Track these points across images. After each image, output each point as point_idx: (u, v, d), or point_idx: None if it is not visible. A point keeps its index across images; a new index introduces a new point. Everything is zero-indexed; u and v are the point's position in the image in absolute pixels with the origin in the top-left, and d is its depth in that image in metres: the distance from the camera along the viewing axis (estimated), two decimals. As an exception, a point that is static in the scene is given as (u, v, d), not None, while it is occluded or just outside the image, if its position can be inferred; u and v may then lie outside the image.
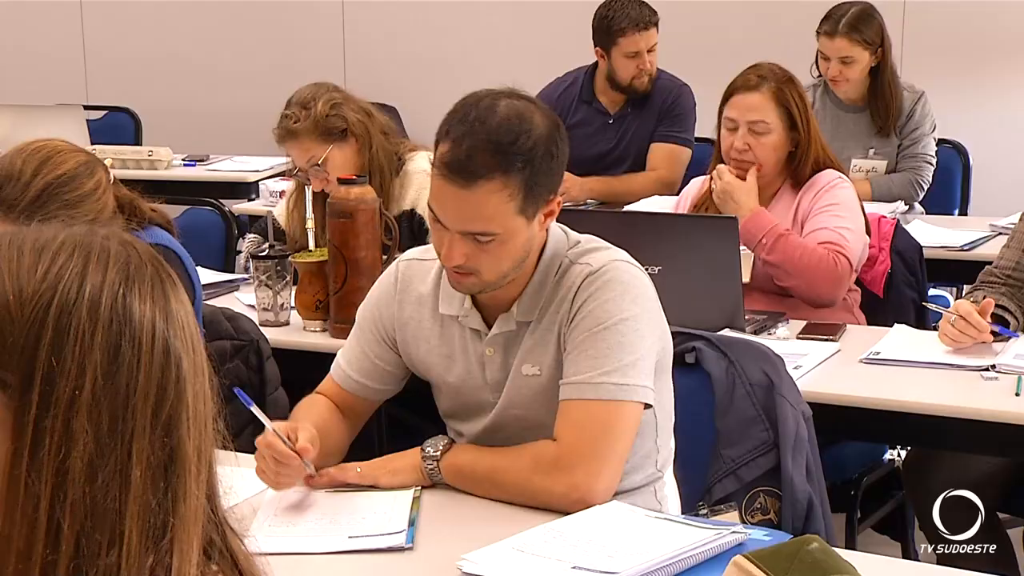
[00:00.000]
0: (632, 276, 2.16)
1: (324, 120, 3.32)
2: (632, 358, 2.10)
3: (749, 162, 3.26)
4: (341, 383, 2.34)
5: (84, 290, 1.00)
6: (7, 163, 2.42)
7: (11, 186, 2.38)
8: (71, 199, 2.42)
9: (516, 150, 2.06)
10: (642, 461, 2.22)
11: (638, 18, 4.68)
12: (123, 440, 0.99)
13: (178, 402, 1.04)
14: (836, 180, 3.27)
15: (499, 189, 2.05)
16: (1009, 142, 5.59)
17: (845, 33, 4.40)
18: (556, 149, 2.12)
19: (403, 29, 6.65)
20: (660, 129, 4.76)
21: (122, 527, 0.98)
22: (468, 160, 2.05)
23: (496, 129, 2.06)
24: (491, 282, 2.14)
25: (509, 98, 2.12)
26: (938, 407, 2.57)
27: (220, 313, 2.80)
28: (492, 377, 2.22)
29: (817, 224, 3.21)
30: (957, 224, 4.31)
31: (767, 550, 1.68)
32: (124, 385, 1.00)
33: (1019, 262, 2.97)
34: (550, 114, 2.15)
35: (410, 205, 3.40)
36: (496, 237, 2.08)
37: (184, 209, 4.06)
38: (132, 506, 0.99)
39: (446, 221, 2.09)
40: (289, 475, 2.11)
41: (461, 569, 1.85)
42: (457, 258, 2.10)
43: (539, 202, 2.11)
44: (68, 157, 2.46)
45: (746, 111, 3.25)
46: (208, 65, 7.00)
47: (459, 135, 2.07)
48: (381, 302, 2.32)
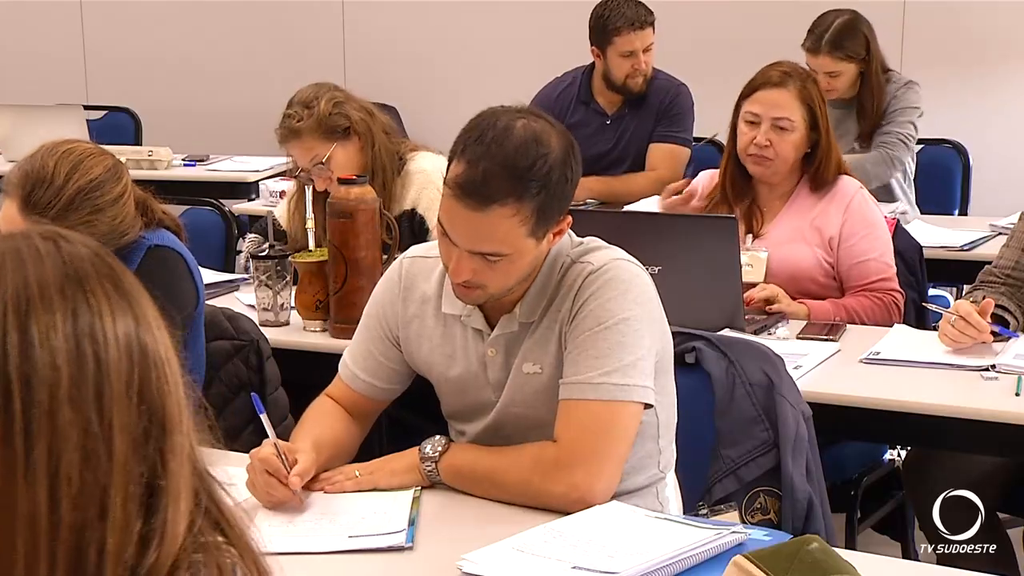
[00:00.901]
0: (633, 275, 2.16)
1: (327, 119, 3.32)
2: (633, 358, 2.10)
3: (768, 158, 3.25)
4: (350, 383, 2.34)
5: (32, 291, 1.02)
6: (39, 165, 2.43)
7: (43, 190, 2.40)
8: (100, 204, 2.45)
9: (532, 175, 2.04)
10: (644, 462, 2.22)
11: (634, 17, 4.68)
12: (105, 418, 1.01)
13: (149, 367, 1.06)
14: (859, 191, 3.29)
15: (512, 214, 2.04)
16: (1009, 142, 5.59)
17: (827, 51, 4.38)
18: (571, 172, 2.11)
19: (403, 29, 6.65)
20: (659, 129, 4.76)
21: (106, 500, 1.01)
22: (483, 183, 2.03)
23: (513, 153, 2.04)
24: (496, 295, 2.15)
25: (526, 119, 2.09)
26: (938, 407, 2.57)
27: (220, 313, 2.80)
28: (494, 377, 2.22)
29: (861, 255, 3.24)
30: (957, 224, 4.31)
31: (767, 550, 1.68)
32: (95, 366, 1.02)
33: (1019, 262, 2.97)
34: (565, 135, 2.13)
35: (411, 205, 3.40)
36: (505, 257, 2.08)
37: (184, 209, 4.06)
38: (117, 477, 1.01)
39: (456, 240, 2.09)
40: (279, 494, 2.09)
41: (461, 569, 1.85)
42: (465, 274, 2.10)
43: (550, 224, 2.11)
44: (97, 161, 2.48)
45: (771, 107, 3.25)
46: (208, 65, 7.01)
47: (475, 156, 2.05)
48: (385, 300, 2.32)
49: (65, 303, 1.03)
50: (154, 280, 2.81)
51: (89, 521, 1.00)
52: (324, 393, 2.37)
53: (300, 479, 2.09)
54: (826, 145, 3.28)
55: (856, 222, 3.25)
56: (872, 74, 4.43)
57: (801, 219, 3.28)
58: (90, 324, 1.03)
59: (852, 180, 3.34)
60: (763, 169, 3.29)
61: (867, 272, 3.23)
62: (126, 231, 2.52)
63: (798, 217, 3.29)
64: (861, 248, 3.24)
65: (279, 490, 2.08)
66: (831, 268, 3.27)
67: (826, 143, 3.28)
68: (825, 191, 3.29)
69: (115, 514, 1.01)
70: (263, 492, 2.10)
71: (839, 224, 3.25)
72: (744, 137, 3.28)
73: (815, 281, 3.25)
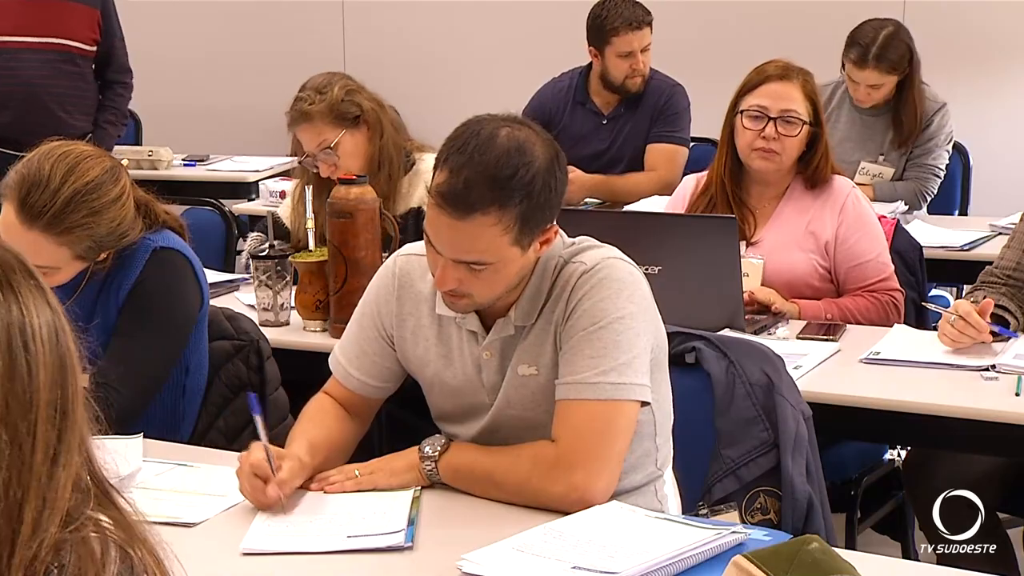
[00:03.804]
0: (626, 273, 2.16)
1: (339, 104, 3.34)
2: (628, 357, 2.10)
3: (776, 152, 3.23)
4: (343, 381, 2.34)
5: None
6: (35, 168, 2.43)
7: (39, 193, 2.40)
8: (97, 206, 2.45)
9: (514, 184, 2.03)
10: (641, 460, 2.22)
11: (631, 18, 4.69)
12: (30, 432, 1.06)
13: (71, 382, 1.10)
14: (852, 191, 3.29)
15: (494, 223, 2.04)
16: (1009, 142, 5.59)
17: (874, 65, 4.34)
18: (555, 181, 2.10)
19: (403, 29, 6.65)
20: (656, 129, 4.77)
21: (22, 515, 1.05)
22: (465, 192, 2.02)
23: (495, 162, 2.03)
24: (484, 304, 2.15)
25: (510, 127, 2.08)
26: (938, 407, 2.57)
27: (220, 313, 2.80)
28: (488, 380, 2.22)
29: (858, 256, 3.23)
30: (957, 224, 4.31)
31: (767, 550, 1.68)
32: (24, 381, 1.06)
33: (1019, 262, 2.97)
34: (551, 144, 2.12)
35: (417, 203, 3.41)
36: (489, 266, 2.08)
37: (184, 209, 4.06)
38: (35, 492, 1.06)
39: (440, 248, 2.08)
40: (265, 499, 2.09)
41: (461, 569, 1.85)
42: (450, 283, 2.10)
43: (534, 232, 2.10)
44: (94, 163, 2.47)
45: (779, 99, 3.23)
46: (208, 65, 7.01)
47: (457, 165, 2.04)
48: (380, 298, 2.31)
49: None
50: (159, 282, 2.83)
51: None
52: (321, 390, 2.37)
53: (277, 489, 2.08)
54: (824, 142, 3.28)
55: (851, 223, 3.24)
56: (913, 86, 4.41)
57: (795, 224, 3.27)
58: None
59: (845, 179, 3.33)
60: (768, 164, 3.26)
61: (865, 274, 3.23)
62: (126, 232, 2.52)
63: (792, 222, 3.27)
64: (858, 250, 3.24)
65: (265, 495, 2.09)
66: (827, 273, 3.26)
67: (824, 140, 3.27)
68: (819, 191, 3.28)
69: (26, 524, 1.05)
70: (251, 496, 2.10)
71: (834, 227, 3.24)
72: (748, 133, 3.24)
73: (810, 286, 3.24)
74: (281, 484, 2.09)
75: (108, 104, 5.06)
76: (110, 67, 5.06)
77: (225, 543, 1.99)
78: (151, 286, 2.57)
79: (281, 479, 2.09)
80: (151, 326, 2.57)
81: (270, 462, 2.09)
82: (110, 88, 5.08)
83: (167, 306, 2.59)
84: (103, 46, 5.02)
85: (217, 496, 2.17)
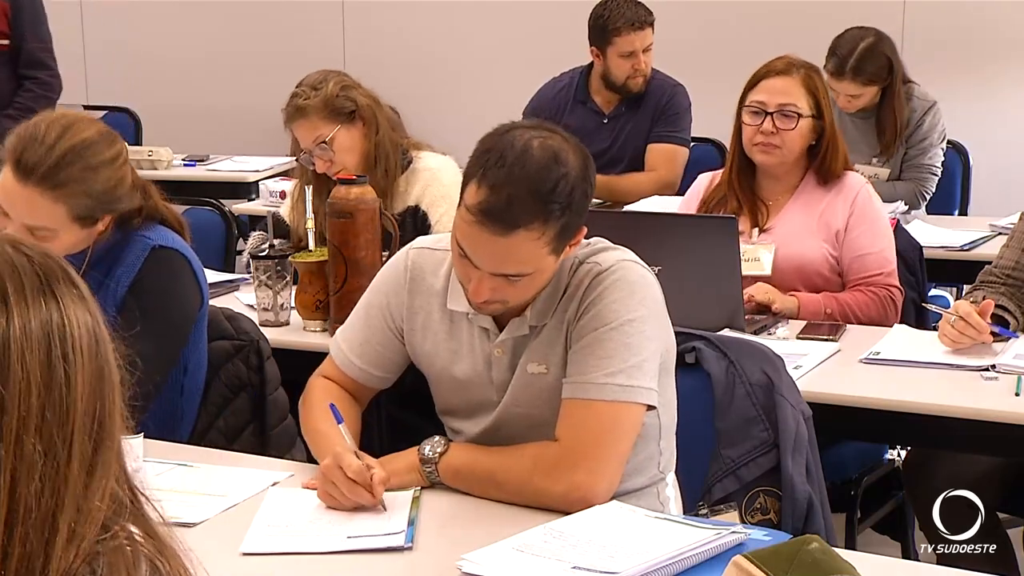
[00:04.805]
0: (640, 276, 2.16)
1: (334, 100, 3.35)
2: (637, 360, 2.10)
3: (775, 145, 3.25)
4: (344, 368, 2.34)
5: (12, 318, 1.05)
6: (31, 127, 2.45)
7: (33, 149, 2.41)
8: (93, 163, 2.44)
9: (555, 197, 2.04)
10: (645, 463, 2.22)
11: (633, 18, 4.69)
12: (66, 443, 1.05)
13: (108, 392, 1.09)
14: (865, 186, 3.31)
15: (537, 237, 2.04)
16: (1009, 142, 5.59)
17: (851, 77, 4.36)
18: (589, 188, 2.11)
19: (403, 29, 6.65)
20: (656, 129, 4.77)
21: (56, 524, 1.04)
22: (508, 209, 2.02)
23: (535, 176, 2.03)
24: (515, 307, 2.16)
25: (540, 136, 2.07)
26: (938, 407, 2.57)
27: (220, 313, 2.79)
28: (498, 377, 2.22)
29: (862, 248, 3.25)
30: (957, 224, 4.31)
31: (767, 550, 1.68)
32: (62, 391, 1.05)
33: (1019, 262, 2.97)
34: (579, 148, 2.12)
35: (415, 202, 3.41)
36: (527, 276, 2.09)
37: (184, 209, 4.05)
38: (69, 502, 1.05)
39: (479, 263, 2.08)
40: (364, 501, 2.07)
41: (461, 569, 1.85)
42: (485, 294, 2.10)
43: (570, 239, 2.11)
44: (90, 125, 2.49)
45: (777, 94, 3.25)
46: (208, 65, 7.01)
47: (497, 181, 2.02)
48: (391, 290, 2.31)
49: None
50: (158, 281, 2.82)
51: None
52: (321, 374, 2.36)
53: (381, 491, 2.08)
54: (831, 136, 3.29)
55: (860, 216, 3.26)
56: (894, 94, 4.42)
57: (808, 213, 3.29)
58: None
59: (858, 175, 3.37)
60: (769, 158, 3.28)
61: (866, 266, 3.24)
62: (121, 197, 2.50)
63: (805, 211, 3.29)
64: (862, 242, 3.25)
65: (364, 497, 2.07)
66: (837, 263, 3.27)
67: (831, 133, 3.29)
68: (832, 185, 3.29)
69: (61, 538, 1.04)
70: (346, 500, 2.07)
71: (845, 217, 3.26)
72: (749, 128, 3.28)
73: (820, 275, 3.26)
74: (382, 484, 2.07)
75: (16, 99, 5.00)
76: (20, 62, 5.02)
77: (225, 543, 1.99)
78: (149, 285, 2.56)
79: (381, 478, 2.07)
80: (149, 325, 2.56)
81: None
82: (21, 84, 5.04)
83: (164, 305, 2.58)
84: (14, 40, 4.99)
85: (217, 496, 2.17)
